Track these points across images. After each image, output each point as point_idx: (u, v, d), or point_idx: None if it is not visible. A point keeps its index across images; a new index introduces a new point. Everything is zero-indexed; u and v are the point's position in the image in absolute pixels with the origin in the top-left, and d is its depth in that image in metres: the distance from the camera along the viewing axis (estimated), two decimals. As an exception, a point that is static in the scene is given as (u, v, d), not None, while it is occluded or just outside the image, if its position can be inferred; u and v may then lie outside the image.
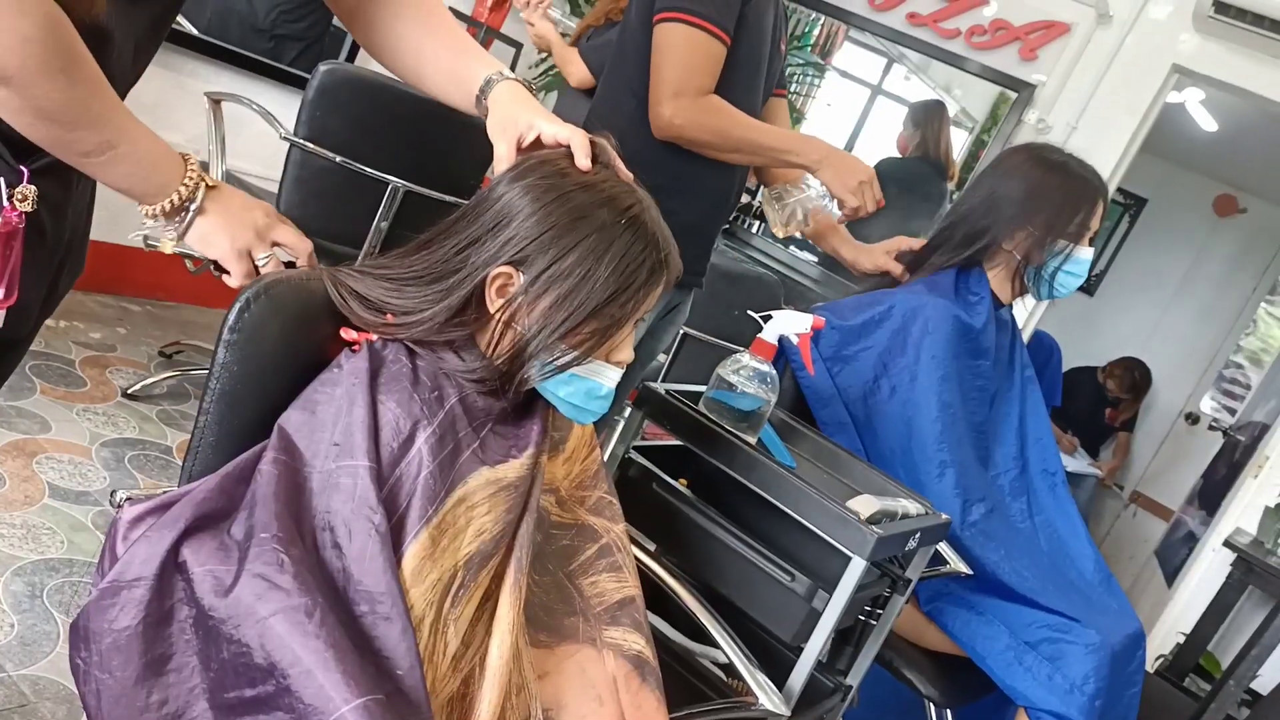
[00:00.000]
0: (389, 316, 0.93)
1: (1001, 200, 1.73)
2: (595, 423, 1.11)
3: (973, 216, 1.75)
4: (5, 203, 0.86)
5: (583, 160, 0.96)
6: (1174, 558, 3.98)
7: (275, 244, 0.98)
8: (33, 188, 0.87)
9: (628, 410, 2.06)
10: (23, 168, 0.87)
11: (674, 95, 1.61)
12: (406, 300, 0.93)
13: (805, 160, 1.70)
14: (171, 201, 0.91)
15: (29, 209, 0.87)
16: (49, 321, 2.83)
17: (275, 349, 0.90)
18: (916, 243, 1.84)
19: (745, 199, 3.86)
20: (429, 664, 0.83)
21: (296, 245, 0.99)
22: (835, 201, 1.72)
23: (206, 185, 0.94)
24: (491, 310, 0.93)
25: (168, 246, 0.94)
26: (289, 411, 0.88)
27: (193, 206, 0.93)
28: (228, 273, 0.97)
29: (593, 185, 0.94)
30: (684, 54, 1.60)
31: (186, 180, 0.92)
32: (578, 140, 0.97)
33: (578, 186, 0.93)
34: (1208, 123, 4.45)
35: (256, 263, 0.97)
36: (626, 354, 0.96)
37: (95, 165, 0.87)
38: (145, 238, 0.95)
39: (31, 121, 0.81)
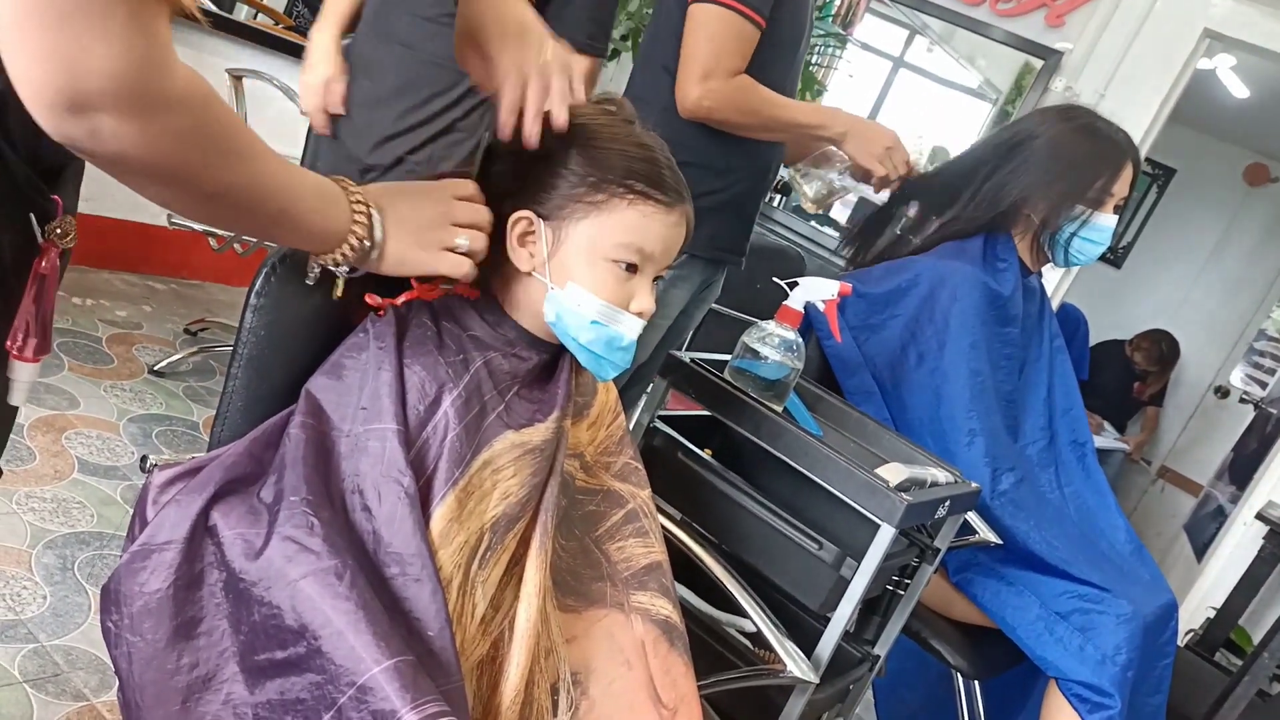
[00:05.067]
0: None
1: (1023, 163, 1.69)
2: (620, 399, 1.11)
3: (996, 179, 1.71)
4: (42, 239, 0.74)
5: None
6: (1203, 532, 3.94)
7: (459, 224, 0.89)
8: (71, 219, 0.76)
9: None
10: (56, 198, 0.74)
11: (702, 77, 1.59)
12: None
13: (831, 133, 1.69)
14: (350, 247, 0.82)
15: (70, 245, 0.76)
16: (76, 300, 2.84)
17: (301, 314, 0.89)
18: None
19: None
20: (458, 625, 0.83)
21: (476, 218, 0.90)
22: (860, 171, 1.71)
23: (378, 211, 0.83)
24: (516, 263, 0.94)
25: (340, 289, 0.86)
26: (316, 376, 0.88)
27: (374, 245, 0.83)
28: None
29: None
30: (714, 35, 1.59)
31: (358, 221, 0.81)
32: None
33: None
34: (1239, 89, 4.37)
35: (457, 251, 0.88)
36: (646, 303, 0.95)
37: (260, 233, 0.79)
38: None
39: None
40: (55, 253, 0.74)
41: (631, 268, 0.93)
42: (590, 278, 0.92)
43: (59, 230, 0.74)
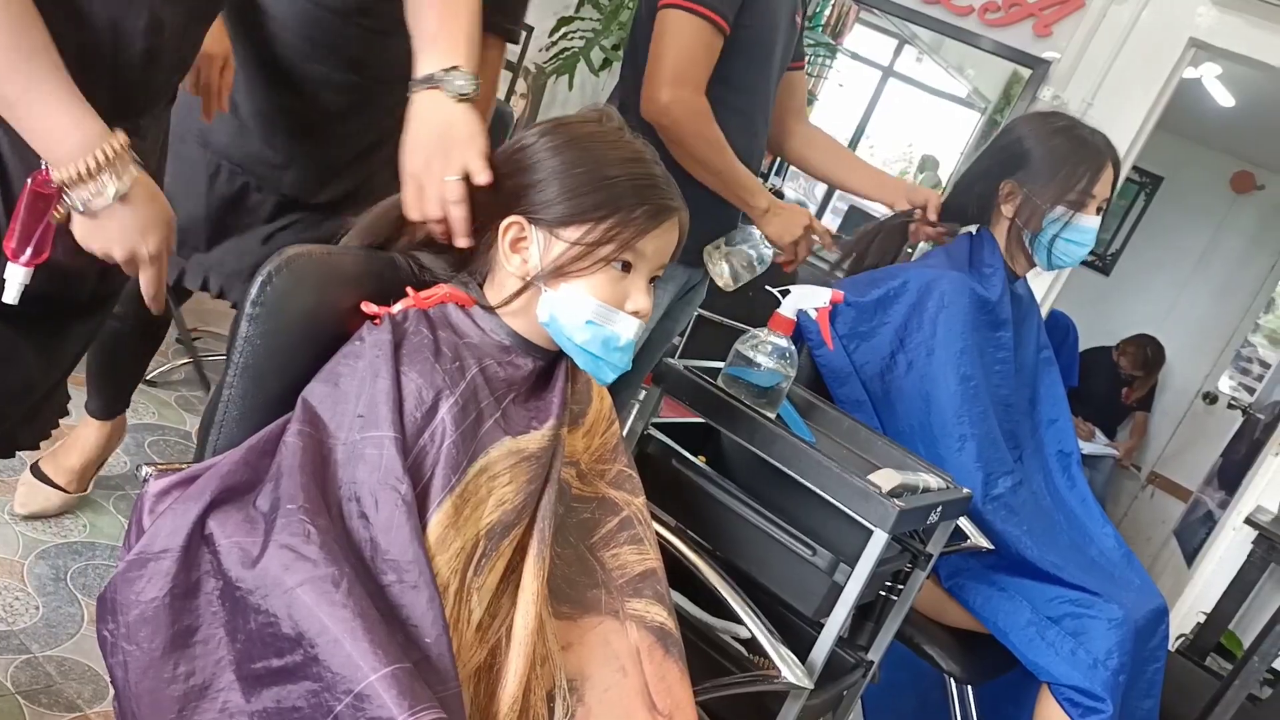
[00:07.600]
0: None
1: (1003, 163, 1.72)
2: (613, 403, 1.12)
3: (977, 184, 1.75)
4: (43, 166, 0.88)
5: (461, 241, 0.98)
6: (1193, 538, 3.96)
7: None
8: None
9: (642, 394, 2.06)
10: None
11: (672, 82, 1.59)
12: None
13: (755, 203, 1.71)
14: (74, 173, 0.87)
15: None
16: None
17: (297, 322, 0.90)
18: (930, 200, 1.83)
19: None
20: (454, 632, 0.83)
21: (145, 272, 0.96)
22: (769, 249, 1.73)
23: (128, 177, 0.89)
24: (510, 269, 0.95)
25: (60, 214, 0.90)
26: (312, 384, 0.89)
27: (74, 201, 0.89)
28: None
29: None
30: (685, 42, 1.59)
31: (91, 159, 0.87)
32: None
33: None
34: (1225, 98, 4.41)
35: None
36: (642, 302, 0.96)
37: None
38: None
39: None
40: (43, 177, 0.88)
41: (626, 267, 0.94)
42: (584, 278, 0.93)
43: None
